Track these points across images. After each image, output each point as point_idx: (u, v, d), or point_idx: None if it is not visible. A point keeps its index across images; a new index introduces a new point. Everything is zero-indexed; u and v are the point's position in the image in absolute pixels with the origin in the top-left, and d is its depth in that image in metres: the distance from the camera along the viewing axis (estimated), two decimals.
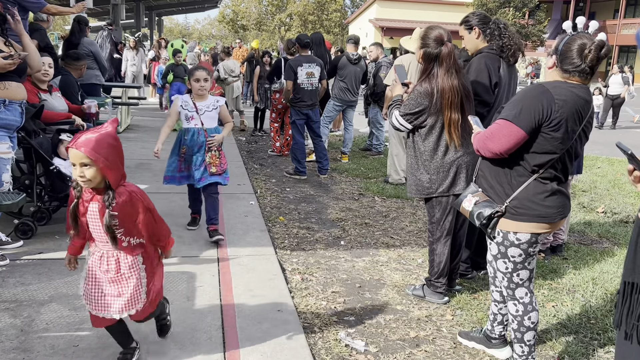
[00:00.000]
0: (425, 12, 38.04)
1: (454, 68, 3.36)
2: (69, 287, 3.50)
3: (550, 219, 2.59)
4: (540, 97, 2.47)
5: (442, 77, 3.34)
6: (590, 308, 3.63)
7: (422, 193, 3.54)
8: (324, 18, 54.20)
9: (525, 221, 2.58)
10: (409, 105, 3.41)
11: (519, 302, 2.74)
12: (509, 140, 2.51)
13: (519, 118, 2.48)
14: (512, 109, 2.53)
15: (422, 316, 3.47)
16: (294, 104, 7.03)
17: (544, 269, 4.25)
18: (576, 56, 2.47)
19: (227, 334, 3.06)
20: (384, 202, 6.13)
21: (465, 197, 2.76)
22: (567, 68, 2.51)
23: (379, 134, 8.87)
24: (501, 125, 2.54)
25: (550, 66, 2.60)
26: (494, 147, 2.56)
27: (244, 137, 10.23)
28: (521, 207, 2.58)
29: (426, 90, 3.35)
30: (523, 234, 2.60)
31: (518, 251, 2.64)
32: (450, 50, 3.34)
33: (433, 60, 3.37)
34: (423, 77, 3.43)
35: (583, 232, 5.38)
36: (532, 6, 33.34)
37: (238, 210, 5.46)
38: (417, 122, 3.43)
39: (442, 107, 3.34)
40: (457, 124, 3.36)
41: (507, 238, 2.64)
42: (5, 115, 3.81)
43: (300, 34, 8.82)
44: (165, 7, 34.01)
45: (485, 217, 2.62)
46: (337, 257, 4.40)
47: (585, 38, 2.49)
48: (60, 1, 19.81)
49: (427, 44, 3.38)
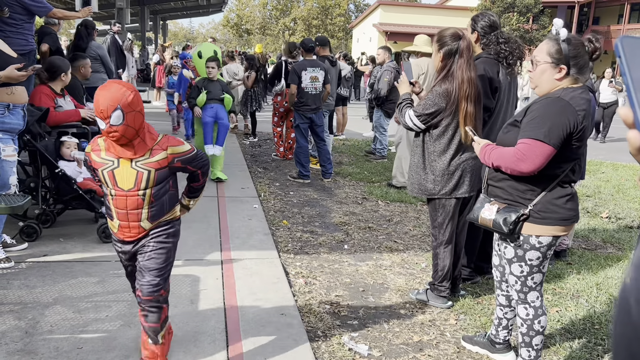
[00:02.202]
0: (429, 16, 38.03)
1: (472, 61, 3.36)
2: (74, 290, 3.51)
3: (570, 221, 2.61)
4: (564, 111, 2.44)
5: (463, 68, 3.32)
6: (595, 313, 3.62)
7: (424, 193, 3.53)
8: (328, 22, 54.30)
9: (549, 225, 2.58)
10: (426, 106, 3.39)
11: (530, 305, 2.73)
12: (541, 160, 2.48)
13: (550, 136, 2.44)
14: (540, 127, 2.46)
15: (426, 320, 3.47)
16: (298, 108, 7.04)
17: (548, 274, 4.24)
18: (585, 55, 2.47)
19: (231, 337, 3.06)
20: (388, 206, 6.13)
21: (482, 208, 2.73)
22: (585, 72, 2.50)
23: (382, 139, 8.85)
24: (532, 146, 2.48)
25: (560, 78, 2.50)
26: (527, 167, 2.51)
27: (247, 140, 10.24)
28: (545, 211, 2.57)
29: (444, 92, 3.34)
30: (545, 237, 2.60)
31: (537, 254, 2.63)
32: (468, 43, 3.35)
33: (453, 55, 3.36)
34: (441, 76, 3.41)
35: (587, 237, 5.36)
36: (536, 11, 33.32)
37: (242, 213, 5.47)
38: (432, 123, 3.42)
39: (459, 99, 3.31)
40: (473, 117, 3.34)
41: (528, 241, 2.62)
42: (9, 119, 3.83)
43: (305, 38, 8.81)
44: (170, 11, 34.16)
45: (512, 222, 2.59)
46: (341, 261, 4.40)
47: (575, 35, 2.50)
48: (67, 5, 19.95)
49: (446, 42, 3.36)
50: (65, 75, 4.96)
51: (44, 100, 4.73)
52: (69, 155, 4.56)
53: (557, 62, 2.49)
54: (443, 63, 3.40)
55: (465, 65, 3.33)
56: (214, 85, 6.51)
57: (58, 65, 4.91)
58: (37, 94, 4.78)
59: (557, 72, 2.50)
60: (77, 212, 4.85)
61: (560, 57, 2.47)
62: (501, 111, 3.80)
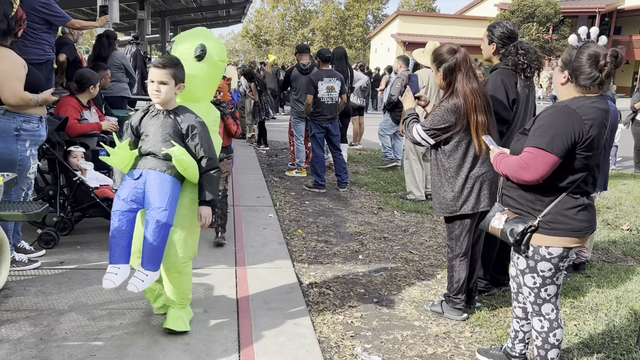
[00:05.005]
0: (447, 27, 37.97)
1: (472, 72, 3.36)
2: (89, 297, 3.54)
3: (582, 233, 2.56)
4: (569, 120, 2.42)
5: (462, 81, 3.33)
6: (614, 327, 3.54)
7: (446, 211, 3.50)
8: (346, 33, 54.52)
9: (558, 235, 2.55)
10: (434, 121, 3.38)
11: (544, 318, 2.69)
12: (544, 169, 2.47)
13: (553, 145, 2.43)
14: (543, 136, 2.46)
15: (440, 333, 3.42)
16: (314, 118, 7.06)
17: (566, 287, 4.17)
18: (590, 68, 2.43)
19: (243, 346, 3.05)
20: (404, 217, 6.09)
21: (492, 217, 2.72)
22: (584, 84, 2.47)
23: (383, 141, 9.02)
24: (534, 154, 2.48)
25: (563, 82, 2.54)
26: (529, 176, 2.51)
27: (264, 150, 10.29)
28: (554, 222, 2.54)
29: (453, 107, 3.32)
30: (555, 248, 2.56)
31: (548, 265, 2.59)
32: (464, 55, 3.36)
33: (452, 71, 3.36)
34: (447, 93, 3.42)
35: (607, 249, 5.26)
36: (556, 21, 33.06)
37: (257, 222, 5.47)
38: (442, 139, 3.40)
39: (468, 112, 3.30)
40: (485, 126, 3.32)
41: (538, 252, 2.60)
42: (43, 132, 3.90)
43: (321, 48, 8.85)
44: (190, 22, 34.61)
45: (519, 233, 2.57)
46: (355, 271, 4.38)
47: (593, 46, 2.45)
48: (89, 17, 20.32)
49: (444, 59, 3.38)
50: (94, 88, 5.05)
51: (70, 112, 4.81)
52: (76, 165, 4.62)
53: (563, 68, 2.54)
54: (446, 80, 3.41)
55: (465, 78, 3.33)
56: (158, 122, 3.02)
57: (88, 77, 5.00)
58: (63, 105, 4.86)
59: (562, 77, 2.54)
60: (94, 219, 4.90)
61: (567, 63, 2.50)
62: (519, 123, 3.75)
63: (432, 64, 3.50)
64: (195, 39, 3.21)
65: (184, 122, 2.97)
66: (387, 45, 41.18)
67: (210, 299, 3.63)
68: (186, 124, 2.97)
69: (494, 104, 3.57)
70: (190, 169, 2.92)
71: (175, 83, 2.94)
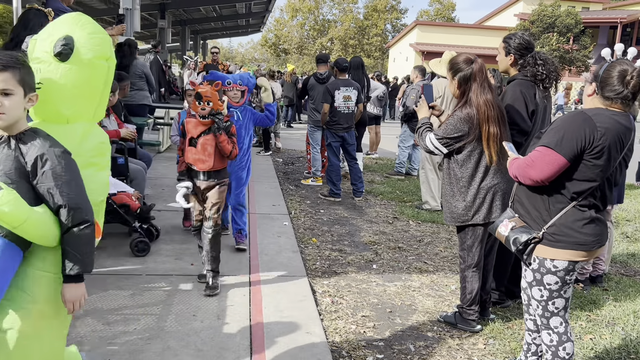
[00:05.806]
0: (466, 36, 37.87)
1: (487, 83, 3.37)
2: (104, 302, 3.59)
3: (588, 247, 2.54)
4: (582, 124, 2.43)
5: (476, 91, 3.34)
6: (631, 342, 3.48)
7: (457, 221, 3.49)
8: (365, 42, 54.67)
9: (563, 248, 2.53)
10: (447, 130, 3.39)
11: (553, 331, 2.66)
12: (550, 168, 2.48)
13: (561, 145, 2.45)
14: (554, 136, 2.49)
15: (454, 344, 3.40)
16: (330, 127, 7.08)
17: (582, 300, 4.12)
18: (617, 83, 2.43)
19: (255, 353, 3.07)
20: (419, 227, 6.07)
21: (501, 222, 2.73)
22: (608, 95, 2.47)
23: (400, 154, 9.03)
24: (542, 153, 2.51)
25: (590, 94, 2.56)
26: (535, 174, 2.53)
27: (280, 158, 10.34)
28: (559, 234, 2.53)
29: (466, 116, 3.33)
30: (560, 261, 2.55)
31: (554, 278, 2.58)
32: (481, 66, 3.37)
33: (467, 80, 3.36)
34: (461, 102, 3.42)
35: (626, 262, 5.19)
36: (577, 31, 32.76)
37: (272, 230, 5.50)
38: (454, 148, 3.40)
39: (480, 123, 3.30)
40: (497, 138, 3.31)
41: (544, 265, 2.58)
42: None
43: (339, 57, 8.91)
44: (210, 31, 35.03)
45: (522, 242, 2.59)
46: (369, 281, 4.37)
47: (625, 64, 2.45)
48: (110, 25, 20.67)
49: (460, 68, 3.39)
50: (114, 96, 5.12)
51: None
52: None
53: (592, 80, 2.56)
54: (460, 89, 3.42)
55: (480, 88, 3.33)
56: None
57: None
58: None
59: (590, 89, 2.57)
60: (111, 225, 4.96)
61: (596, 76, 2.52)
62: (537, 133, 3.73)
63: (448, 72, 3.51)
64: (58, 29, 2.13)
65: (29, 154, 1.93)
66: (405, 54, 41.19)
67: (223, 306, 3.66)
68: (32, 155, 1.93)
69: (513, 116, 3.56)
70: (24, 225, 1.88)
71: (24, 93, 1.94)
